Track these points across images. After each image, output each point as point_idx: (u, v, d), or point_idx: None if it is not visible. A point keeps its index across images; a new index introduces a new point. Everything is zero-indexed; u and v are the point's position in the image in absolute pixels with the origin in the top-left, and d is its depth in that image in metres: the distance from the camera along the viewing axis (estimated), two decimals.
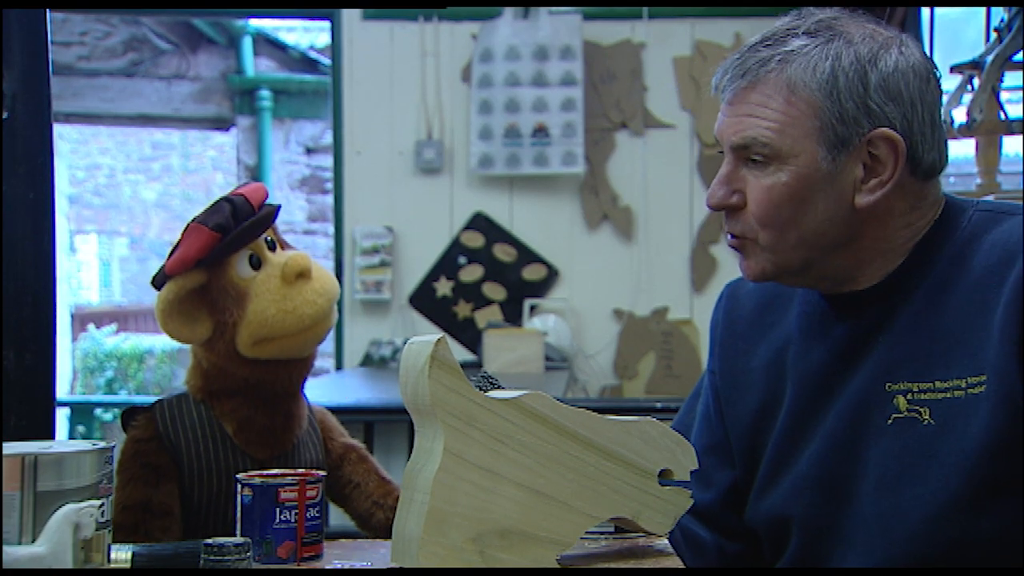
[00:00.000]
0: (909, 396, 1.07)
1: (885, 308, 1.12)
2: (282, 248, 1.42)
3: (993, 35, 2.77)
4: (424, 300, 3.78)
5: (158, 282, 1.33)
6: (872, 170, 1.08)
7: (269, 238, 1.39)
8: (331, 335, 3.96)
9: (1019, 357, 1.00)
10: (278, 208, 1.39)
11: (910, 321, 1.09)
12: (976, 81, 2.78)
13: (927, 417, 1.05)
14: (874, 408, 1.10)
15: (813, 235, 1.09)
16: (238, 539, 0.93)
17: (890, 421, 1.08)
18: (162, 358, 8.10)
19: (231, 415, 1.38)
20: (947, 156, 1.14)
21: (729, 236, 1.16)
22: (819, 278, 1.14)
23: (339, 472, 1.50)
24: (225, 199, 1.33)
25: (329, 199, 5.23)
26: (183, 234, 1.32)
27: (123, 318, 9.32)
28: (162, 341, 8.33)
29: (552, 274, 3.77)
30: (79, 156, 9.71)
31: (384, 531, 1.44)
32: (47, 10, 1.34)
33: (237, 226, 1.31)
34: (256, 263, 1.35)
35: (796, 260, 1.11)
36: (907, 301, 1.10)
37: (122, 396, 7.51)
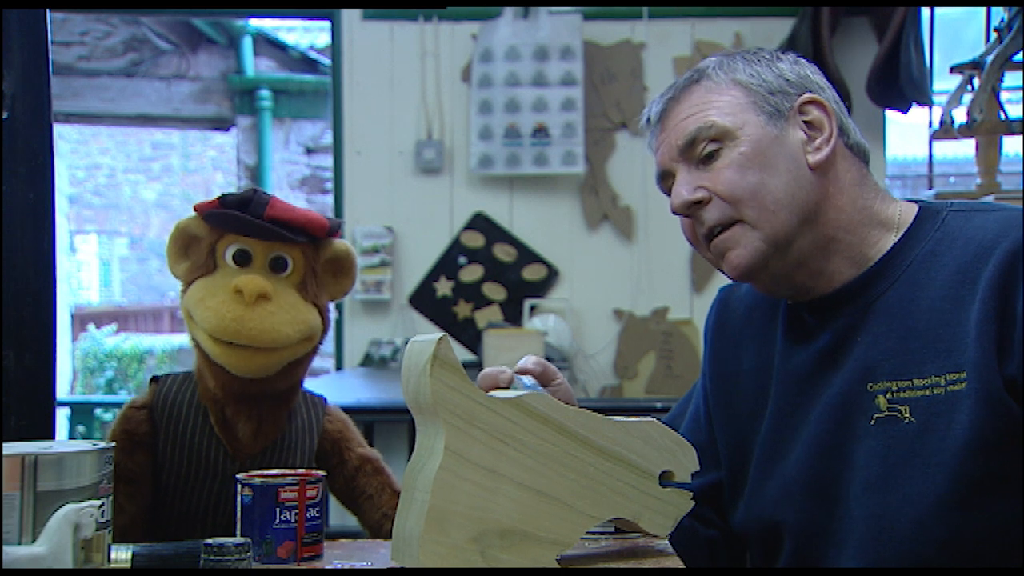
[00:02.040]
0: (889, 395, 1.08)
1: (861, 308, 1.13)
2: (299, 289, 1.42)
3: (993, 35, 2.77)
4: (424, 300, 3.78)
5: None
6: (812, 134, 1.14)
7: (284, 260, 1.39)
8: (331, 335, 3.96)
9: (998, 353, 1.00)
10: (280, 237, 1.39)
11: (887, 320, 1.10)
12: (976, 81, 2.78)
13: (908, 416, 1.06)
14: (857, 409, 1.10)
15: (787, 196, 1.11)
16: (238, 539, 0.93)
17: (872, 422, 1.08)
18: (162, 358, 8.10)
19: (213, 404, 1.40)
20: (867, 149, 1.21)
21: (707, 241, 1.16)
22: (796, 263, 1.13)
23: (354, 483, 1.51)
24: (254, 189, 1.41)
25: (329, 199, 5.23)
26: None
27: (123, 318, 9.33)
28: (162, 341, 8.33)
29: (552, 274, 3.77)
30: (79, 156, 9.71)
31: None
32: (47, 10, 1.34)
33: (230, 208, 1.37)
34: (240, 260, 1.37)
35: (782, 226, 1.11)
36: (882, 300, 1.11)
37: (122, 396, 7.52)
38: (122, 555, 1.07)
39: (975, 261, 1.05)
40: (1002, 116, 2.77)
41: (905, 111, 3.56)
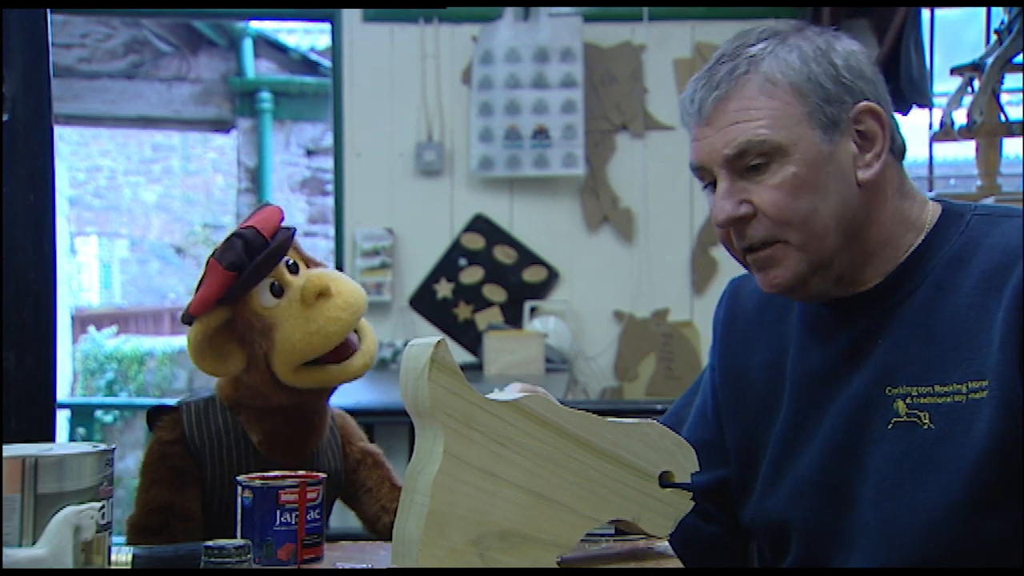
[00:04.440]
0: (908, 400, 1.07)
1: (884, 311, 1.12)
2: (306, 266, 1.41)
3: (993, 37, 2.78)
4: (424, 302, 3.78)
5: (186, 320, 1.33)
6: (864, 146, 1.10)
7: (291, 260, 1.38)
8: None
9: (1021, 363, 0.99)
10: (293, 233, 1.37)
11: (909, 324, 1.09)
12: (976, 83, 2.78)
13: (927, 422, 1.05)
14: (875, 412, 1.09)
15: (836, 219, 1.08)
16: (238, 541, 0.93)
17: (890, 426, 1.08)
18: (162, 360, 8.10)
19: (257, 426, 1.38)
20: (906, 146, 1.17)
21: (745, 252, 1.13)
22: (835, 279, 1.12)
23: (354, 476, 1.51)
24: (236, 235, 1.32)
25: (329, 201, 5.24)
26: (204, 271, 1.32)
27: (123, 320, 9.32)
28: (163, 343, 8.33)
29: (552, 276, 3.77)
30: (80, 158, 9.71)
31: (390, 535, 1.44)
32: (48, 11, 1.34)
33: (251, 261, 1.30)
34: (278, 291, 1.34)
35: (827, 249, 1.08)
36: (905, 304, 1.10)
37: (122, 398, 7.51)
38: (122, 557, 1.07)
39: (1001, 268, 1.04)
40: (1002, 118, 2.77)
41: (905, 113, 3.56)
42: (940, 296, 1.08)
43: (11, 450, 0.87)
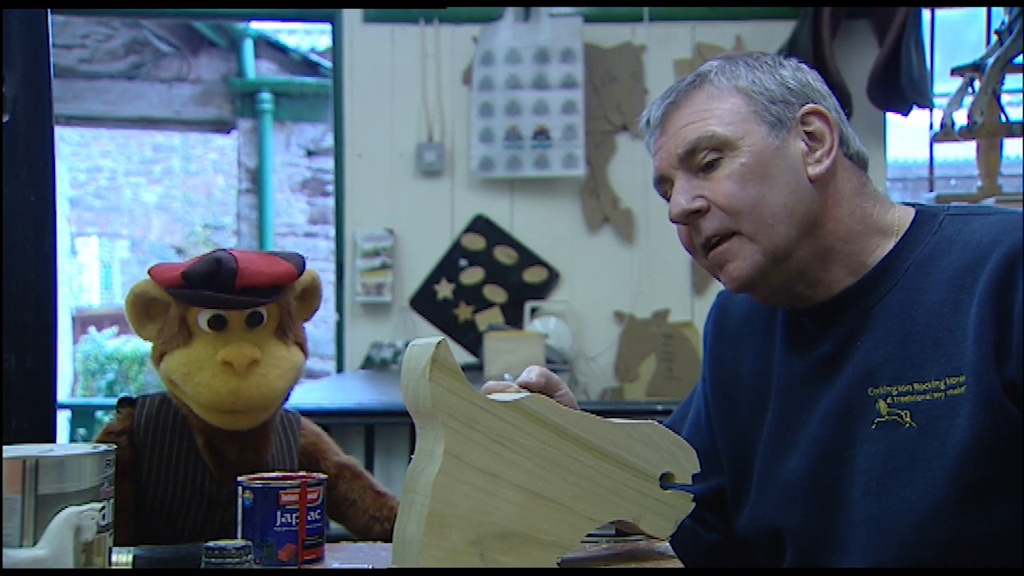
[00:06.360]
0: (889, 400, 1.08)
1: (860, 313, 1.13)
2: (273, 332, 1.38)
3: (994, 37, 2.78)
4: (425, 302, 3.78)
5: (150, 271, 1.39)
6: (813, 146, 1.14)
7: (260, 314, 1.36)
8: (332, 338, 3.95)
9: (997, 357, 1.00)
10: (273, 299, 1.36)
11: (886, 325, 1.10)
12: (977, 83, 2.78)
13: (908, 420, 1.06)
14: (858, 413, 1.10)
15: (787, 211, 1.11)
16: (239, 542, 0.93)
17: (874, 426, 1.08)
18: None
19: (199, 428, 1.39)
20: (867, 156, 1.20)
21: (706, 251, 1.15)
22: (796, 274, 1.13)
23: (335, 491, 1.51)
24: (224, 260, 1.31)
25: (330, 201, 5.24)
26: (202, 255, 1.35)
27: (124, 320, 9.31)
28: None
29: (553, 276, 3.77)
30: (80, 159, 9.71)
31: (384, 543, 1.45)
32: (48, 12, 1.34)
33: (199, 288, 1.31)
34: (217, 325, 1.34)
35: (780, 239, 1.11)
36: (881, 305, 1.11)
37: None
38: (123, 558, 1.07)
39: (973, 265, 1.05)
40: (1003, 118, 2.78)
41: (906, 113, 3.56)
42: (915, 295, 1.09)
43: (12, 451, 0.88)
